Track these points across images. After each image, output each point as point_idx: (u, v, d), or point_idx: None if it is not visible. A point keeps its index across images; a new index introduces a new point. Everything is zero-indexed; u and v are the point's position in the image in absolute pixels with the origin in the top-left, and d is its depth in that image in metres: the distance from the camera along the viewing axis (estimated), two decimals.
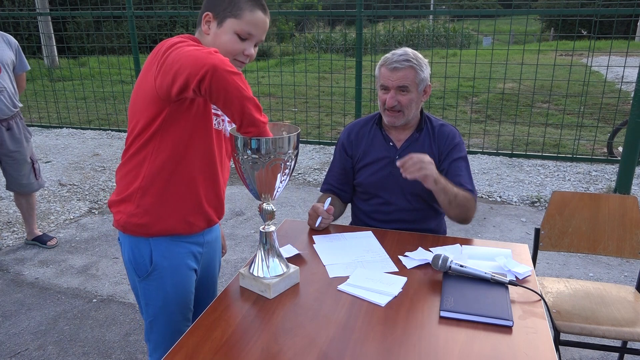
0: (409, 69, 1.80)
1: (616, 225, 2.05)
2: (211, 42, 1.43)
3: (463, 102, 7.56)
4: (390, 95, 1.82)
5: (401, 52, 1.83)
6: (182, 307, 1.54)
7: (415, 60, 1.81)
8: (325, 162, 5.23)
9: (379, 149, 1.94)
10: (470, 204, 1.83)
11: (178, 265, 1.50)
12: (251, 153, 1.29)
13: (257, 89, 6.86)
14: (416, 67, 1.81)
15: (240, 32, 1.42)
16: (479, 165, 4.95)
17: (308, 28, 12.32)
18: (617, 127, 5.21)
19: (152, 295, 1.50)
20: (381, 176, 1.93)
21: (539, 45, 8.04)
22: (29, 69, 3.31)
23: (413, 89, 1.82)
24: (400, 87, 1.81)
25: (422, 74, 1.83)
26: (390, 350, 1.19)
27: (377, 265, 1.58)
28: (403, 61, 1.80)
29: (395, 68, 1.80)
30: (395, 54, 1.83)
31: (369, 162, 1.96)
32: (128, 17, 6.00)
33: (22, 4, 13.33)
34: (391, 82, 1.81)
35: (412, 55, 1.82)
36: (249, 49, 1.45)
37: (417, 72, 1.81)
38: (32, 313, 2.73)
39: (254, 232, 3.68)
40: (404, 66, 1.79)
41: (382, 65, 1.85)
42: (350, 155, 2.00)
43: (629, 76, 6.80)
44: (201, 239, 1.56)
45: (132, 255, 1.48)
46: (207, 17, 1.44)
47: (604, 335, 1.79)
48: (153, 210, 1.43)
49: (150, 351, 1.59)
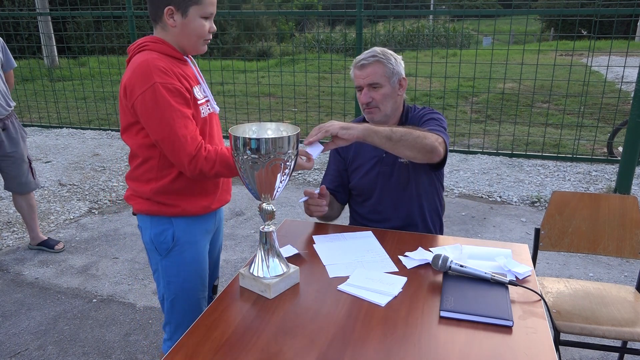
0: (376, 63, 1.81)
1: (616, 225, 2.05)
2: (179, 33, 1.55)
3: (463, 102, 7.56)
4: (364, 92, 1.84)
5: (369, 50, 1.86)
6: (201, 280, 1.72)
7: (382, 54, 1.83)
8: (325, 162, 5.23)
9: (367, 149, 1.95)
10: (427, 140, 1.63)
11: (196, 241, 1.68)
12: (251, 153, 1.29)
13: (257, 89, 6.87)
14: (383, 61, 1.82)
15: (204, 15, 1.55)
16: (479, 165, 4.95)
17: (308, 28, 12.32)
18: (617, 127, 5.21)
19: (173, 271, 1.66)
20: (371, 177, 1.95)
21: (539, 45, 8.04)
22: (16, 66, 3.28)
23: (385, 83, 1.83)
24: (371, 83, 1.82)
25: (392, 67, 1.83)
26: (390, 350, 1.19)
27: (377, 265, 1.58)
28: (369, 57, 1.82)
29: (363, 65, 1.82)
30: (363, 53, 1.87)
31: (359, 164, 1.97)
32: (128, 17, 6.00)
33: (22, 4, 13.33)
34: (362, 80, 1.83)
35: (379, 51, 1.84)
36: (212, 26, 1.60)
37: (386, 65, 1.82)
38: (32, 313, 2.73)
39: (254, 232, 3.68)
40: (370, 62, 1.81)
41: (353, 67, 1.88)
42: (343, 157, 2.03)
43: (629, 76, 6.80)
44: (214, 217, 1.77)
45: (154, 235, 1.64)
46: (170, 11, 1.52)
47: (604, 335, 1.79)
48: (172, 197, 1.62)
49: (170, 334, 1.73)
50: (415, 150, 1.63)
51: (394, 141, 1.60)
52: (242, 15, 6.80)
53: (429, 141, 1.63)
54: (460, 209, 3.99)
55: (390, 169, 1.91)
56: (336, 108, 6.80)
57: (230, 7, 8.43)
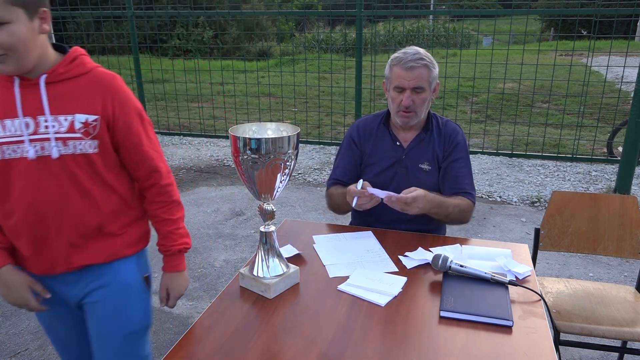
0: (423, 67, 1.78)
1: (616, 225, 2.05)
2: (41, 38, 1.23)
3: (463, 102, 7.56)
4: (407, 95, 1.80)
5: (413, 51, 1.80)
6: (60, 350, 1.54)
7: (428, 58, 1.80)
8: (325, 162, 5.23)
9: (386, 148, 1.93)
10: (465, 215, 1.86)
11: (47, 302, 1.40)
12: (251, 153, 1.29)
13: (257, 89, 6.86)
14: (430, 66, 1.80)
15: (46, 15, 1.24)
16: (479, 165, 4.95)
17: (308, 28, 12.32)
18: (617, 127, 5.21)
19: None
20: (387, 177, 1.93)
21: (539, 45, 8.04)
22: None
23: (427, 88, 1.81)
24: (416, 87, 1.79)
25: (434, 72, 1.83)
26: (390, 350, 1.19)
27: (377, 266, 1.58)
28: (418, 60, 1.77)
29: (412, 67, 1.77)
30: (407, 53, 1.79)
31: (375, 161, 1.95)
32: (128, 17, 6.00)
33: None
34: (407, 82, 1.79)
35: (424, 54, 1.80)
36: None
37: (431, 70, 1.80)
38: (32, 313, 2.73)
39: (254, 232, 3.68)
40: (419, 65, 1.77)
41: (394, 65, 1.81)
42: (360, 150, 1.98)
43: (629, 76, 6.79)
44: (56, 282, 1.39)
45: None
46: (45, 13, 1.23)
47: (604, 335, 1.79)
48: None
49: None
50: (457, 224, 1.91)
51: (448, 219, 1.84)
52: (242, 15, 6.80)
53: (467, 218, 1.88)
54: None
55: (408, 172, 1.90)
56: (336, 108, 6.80)
57: (230, 7, 8.43)
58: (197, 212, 4.03)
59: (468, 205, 1.85)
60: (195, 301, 2.81)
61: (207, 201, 4.25)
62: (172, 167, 5.18)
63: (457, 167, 1.89)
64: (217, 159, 5.44)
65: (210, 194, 4.42)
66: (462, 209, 1.82)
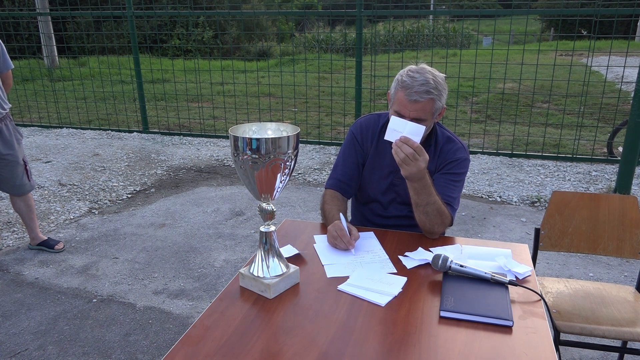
0: (428, 101, 1.68)
1: (616, 225, 2.05)
2: None
3: (463, 102, 7.56)
4: None
5: (422, 79, 1.67)
6: None
7: (435, 90, 1.68)
8: (325, 162, 5.23)
9: (385, 156, 1.91)
10: (441, 219, 1.74)
11: None
12: (251, 153, 1.29)
13: (257, 89, 6.86)
14: (435, 98, 1.69)
15: None
16: (479, 165, 4.95)
17: (308, 28, 12.32)
18: (617, 127, 5.21)
19: None
20: (383, 185, 1.93)
21: (539, 45, 8.04)
22: (13, 67, 3.22)
23: (429, 119, 1.73)
24: (416, 118, 1.70)
25: (440, 103, 1.72)
26: (390, 350, 1.19)
27: (375, 266, 1.58)
28: (424, 93, 1.66)
29: (416, 101, 1.67)
30: (415, 80, 1.67)
31: (375, 167, 1.93)
32: (128, 17, 6.00)
33: (22, 4, 13.33)
34: (407, 111, 1.70)
35: (432, 84, 1.67)
36: None
37: (436, 102, 1.70)
38: (32, 313, 2.73)
39: (254, 232, 3.68)
40: (424, 99, 1.67)
41: (399, 90, 1.71)
42: (362, 149, 1.96)
43: (629, 76, 6.80)
44: None
45: None
46: None
47: (604, 335, 1.79)
48: None
49: None
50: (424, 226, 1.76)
51: (419, 208, 1.73)
52: (242, 15, 6.80)
53: (437, 228, 1.75)
54: (460, 209, 3.99)
55: (404, 182, 1.86)
56: (336, 108, 6.80)
57: (230, 7, 8.43)
58: (197, 212, 4.03)
59: (447, 215, 1.77)
60: (195, 301, 2.81)
61: (207, 201, 4.26)
62: (172, 167, 5.19)
63: (451, 180, 1.85)
64: (217, 159, 5.44)
65: (210, 194, 4.42)
66: (442, 212, 1.73)
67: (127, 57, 6.87)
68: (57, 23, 10.55)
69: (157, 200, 4.30)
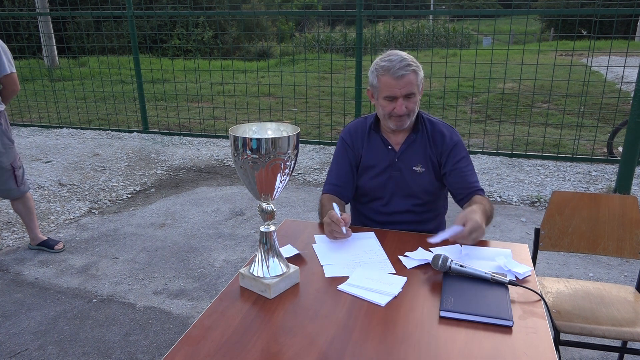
0: (412, 73, 1.76)
1: (616, 225, 2.05)
2: None
3: (463, 102, 7.56)
4: (400, 103, 1.78)
5: (398, 57, 1.76)
6: None
7: (414, 63, 1.78)
8: (325, 162, 5.23)
9: (378, 153, 1.94)
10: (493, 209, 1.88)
11: None
12: (251, 153, 1.29)
13: (257, 89, 6.86)
14: (417, 70, 1.78)
15: None
16: (479, 165, 4.95)
17: (308, 28, 12.32)
18: (617, 127, 5.21)
19: None
20: (381, 180, 1.94)
21: (539, 45, 8.04)
22: (8, 73, 3.01)
23: (417, 92, 1.81)
24: (408, 94, 1.77)
25: (421, 75, 1.81)
26: (390, 350, 1.19)
27: (374, 267, 1.58)
28: (406, 67, 1.74)
29: (402, 75, 1.74)
30: (392, 60, 1.76)
31: (370, 165, 1.95)
32: (128, 17, 6.00)
33: (22, 4, 13.33)
34: (398, 90, 1.76)
35: (409, 58, 1.77)
36: None
37: (418, 74, 1.79)
38: (32, 313, 2.73)
39: (254, 232, 3.68)
40: (408, 71, 1.75)
41: (382, 75, 1.77)
42: (355, 153, 1.98)
43: (629, 76, 6.80)
44: None
45: None
46: None
47: (604, 335, 1.79)
48: None
49: None
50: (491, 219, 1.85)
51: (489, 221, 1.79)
52: (242, 15, 6.80)
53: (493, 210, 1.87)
54: (460, 209, 3.99)
55: (403, 175, 1.91)
56: (336, 108, 6.80)
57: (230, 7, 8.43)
58: (197, 212, 4.03)
59: (488, 200, 1.87)
60: (195, 301, 2.81)
61: (207, 201, 4.26)
62: (172, 167, 5.19)
63: (462, 168, 1.89)
64: (217, 159, 5.44)
65: (210, 194, 4.43)
66: (490, 206, 1.85)
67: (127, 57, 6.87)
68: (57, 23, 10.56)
69: (157, 200, 4.30)
